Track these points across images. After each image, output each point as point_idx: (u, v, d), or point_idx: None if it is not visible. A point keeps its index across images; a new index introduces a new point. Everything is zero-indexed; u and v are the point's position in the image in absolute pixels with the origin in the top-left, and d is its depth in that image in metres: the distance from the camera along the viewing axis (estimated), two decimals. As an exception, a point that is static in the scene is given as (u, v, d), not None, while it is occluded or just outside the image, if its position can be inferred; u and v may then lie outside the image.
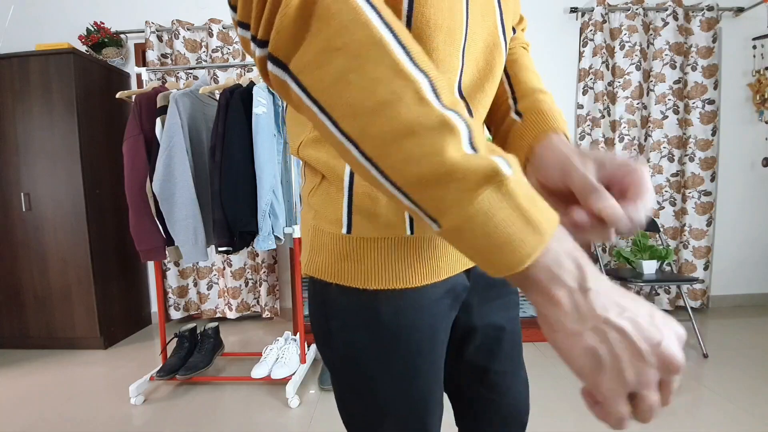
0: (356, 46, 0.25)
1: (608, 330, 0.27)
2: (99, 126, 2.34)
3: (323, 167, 0.42)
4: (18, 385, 1.89)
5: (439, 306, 0.45)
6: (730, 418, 1.46)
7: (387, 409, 0.46)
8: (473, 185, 0.25)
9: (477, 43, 0.40)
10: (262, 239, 1.57)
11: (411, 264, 0.42)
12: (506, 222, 0.26)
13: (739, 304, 2.72)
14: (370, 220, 0.41)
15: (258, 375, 1.72)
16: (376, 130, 0.26)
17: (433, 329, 0.46)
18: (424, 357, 0.45)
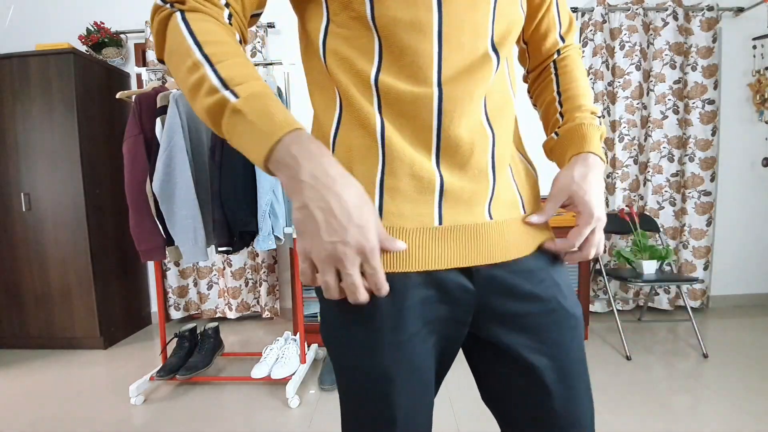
0: (177, 55, 0.42)
1: (307, 214, 0.37)
2: (99, 126, 2.34)
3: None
4: (18, 385, 1.89)
5: (410, 296, 0.46)
6: (730, 418, 1.46)
7: (349, 384, 0.49)
8: (217, 116, 0.40)
9: (462, 32, 0.44)
10: (262, 239, 1.57)
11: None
12: (243, 134, 0.39)
13: (739, 304, 2.72)
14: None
15: (258, 375, 1.72)
16: (186, 90, 0.42)
17: (399, 316, 0.46)
18: (382, 338, 0.46)
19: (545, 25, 0.58)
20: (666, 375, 1.80)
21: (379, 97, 0.45)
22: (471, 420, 1.48)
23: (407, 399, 0.48)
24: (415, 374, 0.48)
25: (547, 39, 0.59)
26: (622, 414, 1.51)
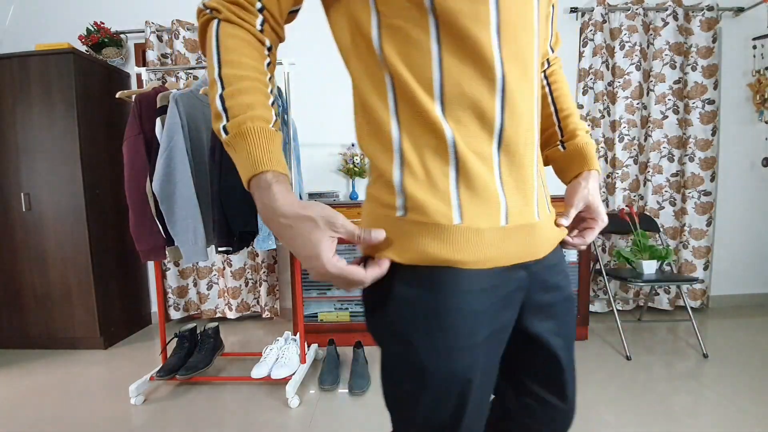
0: (208, 62, 0.48)
1: (280, 232, 0.46)
2: (99, 126, 2.34)
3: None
4: (18, 385, 1.89)
5: (483, 298, 0.49)
6: (730, 418, 1.46)
7: (426, 380, 0.49)
8: (225, 139, 0.46)
9: (514, 25, 0.47)
10: (262, 239, 1.57)
11: (456, 249, 0.47)
12: (235, 160, 0.47)
13: (739, 304, 2.72)
14: (419, 208, 0.47)
15: (258, 375, 1.72)
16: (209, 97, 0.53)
17: (474, 319, 0.48)
18: (462, 338, 0.48)
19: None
20: (666, 375, 1.80)
21: (442, 94, 0.46)
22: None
23: (476, 399, 0.51)
24: (486, 376, 0.52)
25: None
26: (622, 414, 1.51)
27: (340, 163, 2.61)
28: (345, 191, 2.65)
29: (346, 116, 2.60)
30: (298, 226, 0.44)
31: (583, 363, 1.95)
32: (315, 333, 2.22)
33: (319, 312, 2.26)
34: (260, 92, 0.47)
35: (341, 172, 2.57)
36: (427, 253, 0.46)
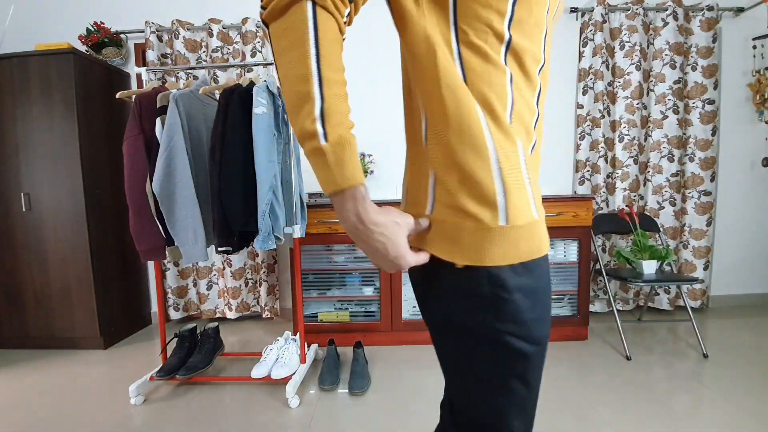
0: (291, 42, 0.46)
1: (365, 250, 0.53)
2: (99, 126, 2.34)
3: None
4: (18, 385, 1.89)
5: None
6: (730, 418, 1.46)
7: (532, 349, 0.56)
8: (307, 140, 0.47)
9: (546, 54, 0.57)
10: (262, 239, 1.57)
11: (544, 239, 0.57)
12: (319, 167, 0.47)
13: (739, 304, 2.72)
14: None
15: (258, 375, 1.72)
16: (285, 90, 0.48)
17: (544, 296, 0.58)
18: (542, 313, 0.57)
19: None
20: (666, 375, 1.80)
21: (512, 112, 0.54)
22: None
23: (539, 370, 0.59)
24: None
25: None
26: (622, 414, 1.51)
27: (340, 163, 2.61)
28: (345, 191, 2.64)
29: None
30: (389, 231, 0.51)
31: (583, 363, 1.95)
32: (315, 333, 2.22)
33: (319, 312, 2.26)
34: (347, 100, 0.49)
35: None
36: (533, 248, 0.54)
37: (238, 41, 2.52)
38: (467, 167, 0.51)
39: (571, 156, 2.64)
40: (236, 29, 2.52)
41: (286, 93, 0.47)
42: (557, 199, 2.12)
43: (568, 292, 2.23)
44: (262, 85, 1.61)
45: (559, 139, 2.64)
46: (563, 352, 2.07)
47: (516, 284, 0.53)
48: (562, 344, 2.18)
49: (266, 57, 2.55)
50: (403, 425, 1.48)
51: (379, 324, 2.20)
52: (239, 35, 2.50)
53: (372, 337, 2.23)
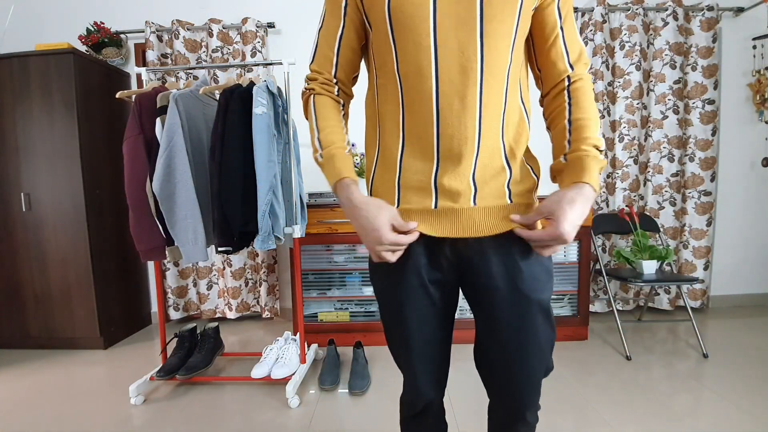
0: (309, 120, 0.78)
1: (354, 226, 0.70)
2: (99, 126, 2.34)
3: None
4: (18, 385, 1.89)
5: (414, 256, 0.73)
6: (730, 418, 1.46)
7: (382, 312, 0.81)
8: (316, 161, 0.75)
9: (451, 80, 0.66)
10: (262, 239, 1.57)
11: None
12: (325, 174, 0.73)
13: (739, 304, 2.72)
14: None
15: (258, 375, 1.72)
16: (311, 137, 0.77)
17: (404, 269, 0.74)
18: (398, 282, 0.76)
19: (553, 54, 0.70)
20: (666, 375, 1.81)
21: (404, 131, 0.71)
22: (471, 420, 1.48)
23: (414, 321, 0.75)
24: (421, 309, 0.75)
25: (556, 66, 0.71)
26: (622, 414, 1.51)
27: (340, 163, 2.61)
28: (345, 191, 2.64)
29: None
30: (371, 210, 0.67)
31: (583, 363, 1.95)
32: (315, 333, 2.22)
33: (319, 312, 2.26)
34: (339, 134, 0.75)
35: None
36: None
37: (238, 41, 2.52)
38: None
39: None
40: (236, 29, 2.52)
41: (311, 140, 0.77)
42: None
43: (568, 292, 2.23)
44: (262, 85, 1.61)
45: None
46: (563, 352, 2.07)
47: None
48: (562, 344, 2.18)
49: (266, 57, 2.55)
50: (403, 425, 1.48)
51: (379, 324, 2.20)
52: (239, 35, 2.50)
53: (372, 337, 2.23)
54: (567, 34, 0.70)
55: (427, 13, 0.64)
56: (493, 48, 0.64)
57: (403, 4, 0.64)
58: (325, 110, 0.76)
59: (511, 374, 0.72)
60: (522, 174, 0.72)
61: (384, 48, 0.69)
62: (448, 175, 0.68)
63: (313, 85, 0.77)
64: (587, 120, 0.68)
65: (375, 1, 0.67)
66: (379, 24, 0.68)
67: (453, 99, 0.65)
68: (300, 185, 1.89)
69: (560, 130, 0.71)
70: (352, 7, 0.72)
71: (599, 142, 0.67)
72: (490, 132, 0.67)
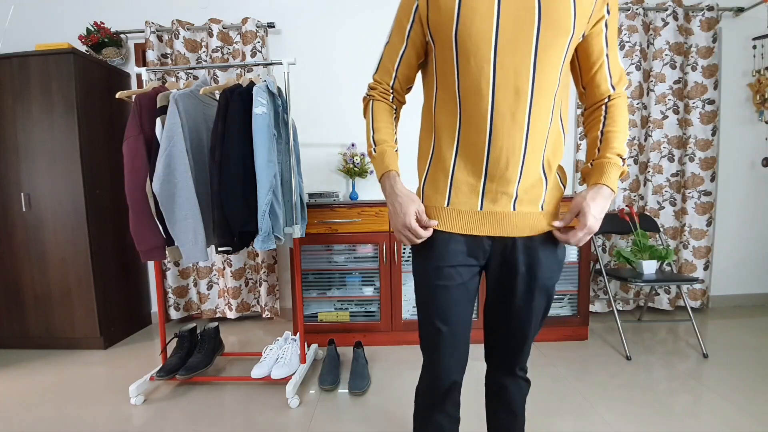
0: (366, 119, 0.94)
1: (389, 210, 0.87)
2: (99, 126, 2.34)
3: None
4: (18, 385, 1.89)
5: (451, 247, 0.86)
6: (730, 418, 1.46)
7: (418, 292, 0.92)
8: (369, 154, 0.91)
9: (503, 109, 0.77)
10: (262, 239, 1.57)
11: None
12: (374, 166, 0.89)
13: (739, 304, 2.72)
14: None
15: (258, 375, 1.72)
16: (366, 134, 0.94)
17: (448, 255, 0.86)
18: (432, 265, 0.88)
19: (598, 77, 0.82)
20: (666, 375, 1.81)
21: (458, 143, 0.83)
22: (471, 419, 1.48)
23: (447, 303, 0.86)
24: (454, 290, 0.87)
25: (600, 87, 0.83)
26: (622, 414, 1.51)
27: (340, 163, 2.61)
28: (345, 191, 2.65)
29: (346, 116, 2.60)
30: (404, 200, 0.84)
31: (583, 363, 1.95)
32: (315, 333, 2.22)
33: (319, 312, 2.26)
34: (390, 134, 0.90)
35: (341, 172, 2.57)
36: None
37: (238, 41, 2.52)
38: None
39: (572, 156, 2.64)
40: (236, 29, 2.52)
41: (366, 137, 0.92)
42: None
43: (568, 292, 2.23)
44: (262, 85, 1.61)
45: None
46: (563, 352, 2.07)
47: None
48: (562, 344, 2.18)
49: (266, 57, 2.55)
50: (403, 425, 1.48)
51: (379, 324, 2.20)
52: (239, 35, 2.50)
53: (372, 337, 2.23)
54: (611, 59, 0.81)
55: (490, 40, 0.73)
56: (544, 74, 0.74)
57: (470, 29, 0.74)
58: (381, 114, 0.91)
59: (517, 336, 0.90)
60: (553, 185, 0.84)
61: (447, 67, 0.79)
62: (494, 182, 0.80)
63: (373, 93, 0.93)
64: (616, 133, 0.81)
65: (442, 26, 0.77)
66: (444, 46, 0.78)
67: (505, 116, 0.75)
68: (300, 185, 1.89)
69: (593, 139, 0.85)
70: (416, 31, 0.84)
71: (623, 152, 0.80)
72: (534, 146, 0.77)
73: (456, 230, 0.84)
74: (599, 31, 0.79)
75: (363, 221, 2.13)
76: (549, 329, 2.22)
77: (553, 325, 2.22)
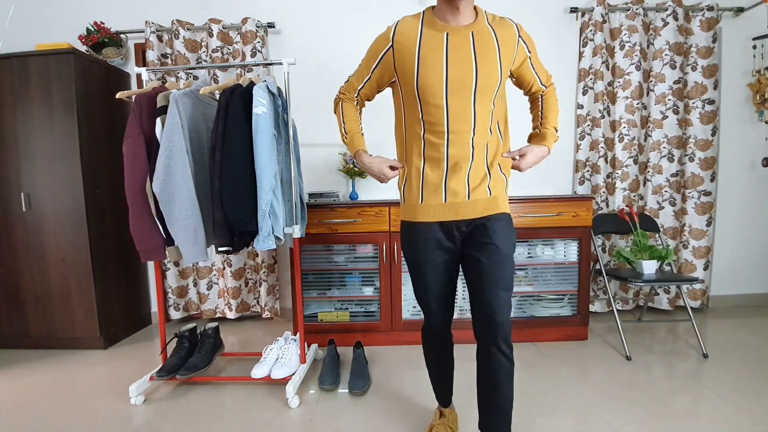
0: (337, 114, 1.30)
1: (367, 172, 1.25)
2: (99, 126, 2.34)
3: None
4: (18, 385, 1.89)
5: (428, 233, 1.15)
6: (730, 418, 1.46)
7: (410, 269, 1.21)
8: (343, 142, 1.35)
9: (457, 120, 1.09)
10: (262, 239, 1.57)
11: (416, 213, 1.16)
12: (348, 148, 1.31)
13: (739, 304, 2.72)
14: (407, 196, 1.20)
15: (258, 375, 1.72)
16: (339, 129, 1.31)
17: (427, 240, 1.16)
18: (420, 255, 1.17)
19: (534, 86, 1.23)
20: (666, 375, 1.81)
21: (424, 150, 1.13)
22: (470, 419, 1.48)
23: (430, 276, 1.18)
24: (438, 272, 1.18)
25: (534, 88, 1.23)
26: (622, 414, 1.51)
27: (340, 163, 2.61)
28: (345, 191, 2.65)
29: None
30: (376, 164, 1.20)
31: (583, 363, 1.95)
32: (315, 333, 2.22)
33: (319, 312, 2.26)
34: (357, 124, 1.25)
35: (341, 172, 2.57)
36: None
37: (238, 41, 2.52)
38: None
39: (571, 156, 2.64)
40: (236, 29, 2.52)
41: (339, 128, 1.27)
42: (557, 199, 2.12)
43: (568, 292, 2.23)
44: (262, 85, 1.61)
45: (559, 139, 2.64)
46: (563, 352, 2.07)
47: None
48: (562, 344, 2.18)
49: (266, 57, 2.55)
50: (403, 425, 1.48)
51: (379, 324, 2.20)
52: (239, 35, 2.50)
53: (372, 337, 2.23)
54: (539, 73, 1.20)
55: (441, 87, 1.05)
56: (481, 107, 1.07)
57: (426, 80, 1.05)
58: (349, 111, 1.25)
59: (487, 298, 1.07)
60: (496, 176, 1.14)
61: (413, 104, 1.10)
62: (452, 180, 1.10)
63: (342, 96, 1.27)
64: (551, 113, 1.23)
65: (406, 78, 1.09)
66: (409, 90, 1.10)
67: (458, 137, 1.07)
68: (300, 185, 1.89)
69: (535, 116, 1.26)
70: (379, 70, 1.16)
71: (557, 125, 1.22)
72: (478, 154, 1.09)
73: (430, 219, 1.14)
74: (527, 66, 1.17)
75: (363, 221, 2.13)
76: (549, 329, 2.23)
77: (553, 325, 2.22)
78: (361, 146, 1.21)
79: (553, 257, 2.22)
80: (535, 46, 1.16)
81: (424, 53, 1.05)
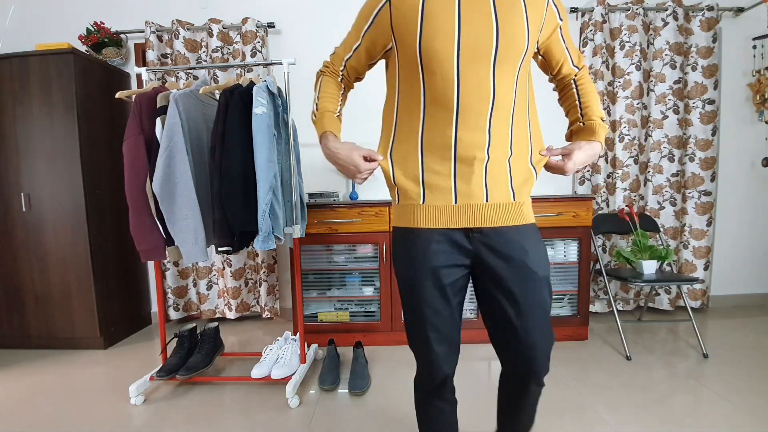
0: (315, 91, 1.01)
1: (333, 163, 0.92)
2: (99, 126, 2.34)
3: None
4: (18, 385, 1.89)
5: (431, 242, 0.86)
6: (730, 418, 1.46)
7: (401, 289, 0.91)
8: (312, 121, 0.98)
9: (471, 94, 0.82)
10: (262, 239, 1.57)
11: (417, 217, 0.87)
12: (316, 128, 0.96)
13: (739, 304, 2.72)
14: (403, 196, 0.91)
15: (258, 375, 1.72)
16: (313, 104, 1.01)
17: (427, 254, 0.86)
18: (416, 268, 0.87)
19: (564, 67, 0.95)
20: (666, 375, 1.81)
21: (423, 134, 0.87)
22: (470, 419, 1.48)
23: (432, 300, 0.86)
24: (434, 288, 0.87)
25: (565, 70, 0.96)
26: (622, 414, 1.51)
27: (340, 163, 2.61)
28: (345, 191, 2.65)
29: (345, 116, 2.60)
30: (344, 151, 0.89)
31: (583, 363, 1.95)
32: (315, 333, 2.22)
33: (319, 312, 2.26)
34: (333, 103, 0.98)
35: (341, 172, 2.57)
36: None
37: (238, 41, 2.52)
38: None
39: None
40: (236, 29, 2.52)
41: (312, 104, 1.01)
42: (557, 199, 2.12)
43: (568, 292, 2.23)
44: (262, 85, 1.61)
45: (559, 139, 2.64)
46: (563, 352, 2.07)
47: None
48: (562, 344, 2.18)
49: (266, 57, 2.55)
50: (403, 425, 1.48)
51: (379, 324, 2.20)
52: (239, 35, 2.50)
53: (372, 337, 2.23)
54: (571, 51, 0.93)
55: (452, 51, 0.79)
56: (503, 79, 0.81)
57: (431, 43, 0.79)
58: (328, 87, 0.98)
59: (529, 340, 0.84)
60: (523, 173, 0.87)
61: (413, 76, 0.84)
62: (463, 176, 0.84)
63: (325, 70, 1.01)
64: (593, 100, 0.95)
65: (406, 42, 0.83)
66: (409, 58, 0.84)
67: (471, 117, 0.81)
68: (300, 185, 1.89)
69: (572, 107, 0.97)
70: (373, 32, 0.90)
71: (603, 115, 0.94)
72: (499, 142, 0.83)
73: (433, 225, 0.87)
74: (556, 38, 0.91)
75: (363, 221, 2.13)
76: (549, 329, 2.22)
77: (553, 325, 2.22)
78: (330, 128, 0.92)
79: (553, 257, 2.22)
80: (567, 15, 0.93)
81: (429, 9, 0.80)
